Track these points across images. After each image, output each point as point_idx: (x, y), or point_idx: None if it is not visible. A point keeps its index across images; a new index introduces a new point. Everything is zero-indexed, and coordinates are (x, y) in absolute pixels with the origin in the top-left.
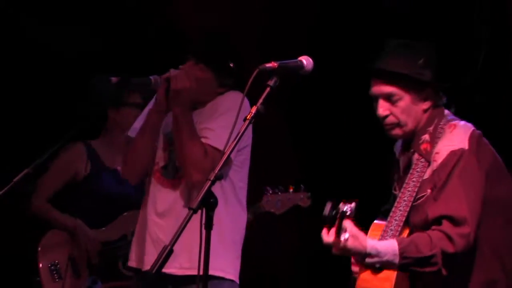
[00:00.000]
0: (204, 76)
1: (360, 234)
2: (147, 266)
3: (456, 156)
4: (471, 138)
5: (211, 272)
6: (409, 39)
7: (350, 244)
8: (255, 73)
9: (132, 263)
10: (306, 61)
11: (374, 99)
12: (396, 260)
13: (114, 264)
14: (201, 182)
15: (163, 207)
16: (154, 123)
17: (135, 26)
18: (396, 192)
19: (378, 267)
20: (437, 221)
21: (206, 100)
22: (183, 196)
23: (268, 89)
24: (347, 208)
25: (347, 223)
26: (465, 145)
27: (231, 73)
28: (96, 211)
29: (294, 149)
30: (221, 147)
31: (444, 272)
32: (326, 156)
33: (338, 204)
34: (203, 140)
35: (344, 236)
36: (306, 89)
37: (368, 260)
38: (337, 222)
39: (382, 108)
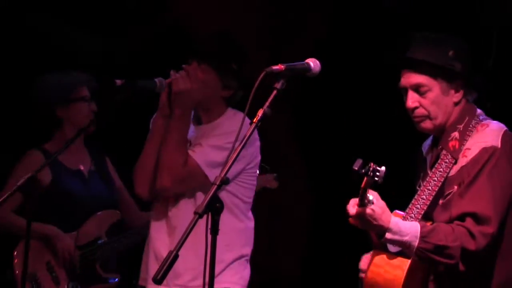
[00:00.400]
0: (207, 78)
1: (386, 208)
2: (150, 285)
3: (487, 154)
4: (504, 137)
5: (219, 285)
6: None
7: (376, 210)
8: (261, 75)
9: (140, 281)
10: (313, 63)
11: (403, 92)
12: (416, 243)
13: (92, 267)
14: (169, 190)
15: (168, 224)
16: (160, 129)
17: (139, 26)
18: (419, 188)
19: (393, 252)
20: (461, 218)
21: (211, 106)
22: (188, 212)
23: (275, 92)
24: (376, 171)
25: (374, 193)
26: (498, 144)
27: (235, 75)
28: (66, 216)
29: (301, 150)
30: (203, 165)
31: (461, 267)
32: (333, 157)
33: (368, 164)
34: (189, 152)
35: (369, 198)
36: (314, 91)
37: (388, 236)
38: (364, 183)
39: (412, 100)
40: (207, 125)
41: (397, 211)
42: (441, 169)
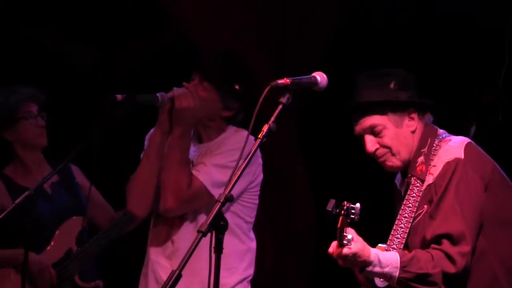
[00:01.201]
0: (208, 96)
1: (363, 242)
2: None
3: (451, 167)
4: (467, 148)
5: None
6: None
7: (355, 249)
8: (266, 90)
9: None
10: (320, 77)
11: (360, 138)
12: (396, 273)
13: (72, 282)
14: (174, 211)
15: (167, 246)
16: (158, 146)
17: (140, 39)
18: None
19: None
20: (436, 240)
21: (211, 124)
22: (188, 233)
23: (280, 106)
24: (351, 209)
25: (351, 230)
26: (461, 155)
27: (237, 96)
28: (33, 238)
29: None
30: (208, 185)
31: None
32: (337, 170)
33: (341, 203)
34: (193, 171)
35: (347, 238)
36: (320, 106)
37: (369, 269)
38: (339, 222)
39: (370, 144)
40: (208, 143)
41: (380, 245)
42: (414, 194)
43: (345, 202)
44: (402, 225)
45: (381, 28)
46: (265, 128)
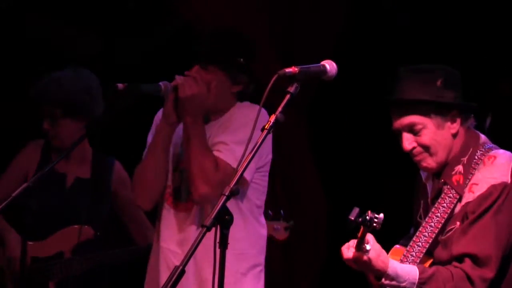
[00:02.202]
0: (214, 78)
1: (383, 251)
2: None
3: (497, 191)
4: None
5: None
6: (425, 58)
7: (373, 258)
8: (274, 78)
9: None
10: (329, 65)
11: (398, 134)
12: None
13: (45, 284)
14: (209, 196)
15: (179, 234)
16: (165, 138)
17: (144, 27)
18: (420, 220)
19: None
20: (460, 258)
21: (222, 105)
22: (199, 220)
23: (288, 96)
24: (374, 218)
25: (370, 237)
26: (508, 179)
27: (243, 69)
28: (28, 225)
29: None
30: (233, 163)
31: None
32: (348, 167)
33: (365, 212)
34: (215, 153)
35: (366, 248)
36: (329, 96)
37: (384, 281)
38: (360, 232)
39: (407, 142)
40: (217, 120)
41: (397, 246)
42: (445, 205)
43: (369, 212)
44: (426, 234)
45: (394, 15)
46: (272, 118)
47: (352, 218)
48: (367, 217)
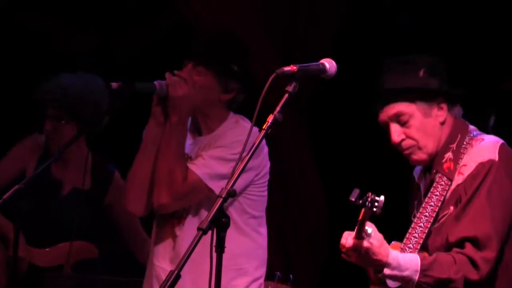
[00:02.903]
0: (204, 81)
1: (384, 241)
2: None
3: (485, 168)
4: (501, 149)
5: None
6: (419, 48)
7: (374, 245)
8: (272, 77)
9: None
10: (328, 64)
11: (386, 128)
12: (416, 277)
13: None
14: (169, 208)
15: (171, 251)
16: (154, 139)
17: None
18: (414, 219)
19: None
20: (460, 243)
21: (210, 111)
22: (193, 236)
23: (286, 95)
24: (375, 201)
25: (371, 224)
26: (495, 157)
27: (235, 76)
28: (31, 226)
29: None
30: (205, 179)
31: None
32: (350, 169)
33: (366, 194)
34: (190, 165)
35: (367, 231)
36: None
37: (386, 271)
38: (361, 214)
39: (396, 134)
40: (208, 135)
41: (394, 242)
42: (437, 193)
43: (370, 194)
44: (422, 224)
45: (393, 13)
46: (270, 118)
47: (353, 199)
48: (368, 198)
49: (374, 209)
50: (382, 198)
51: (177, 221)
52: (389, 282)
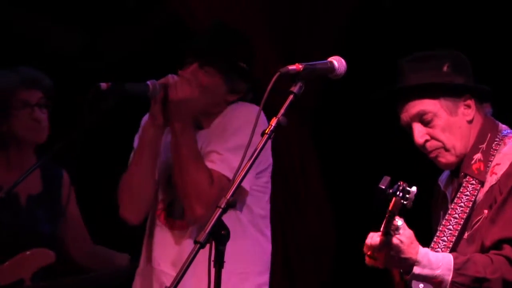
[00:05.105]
0: (210, 82)
1: (414, 238)
2: None
3: None
4: None
5: None
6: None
7: (405, 242)
8: (275, 77)
9: None
10: (337, 62)
11: (409, 129)
12: (449, 276)
13: None
14: (206, 217)
15: (174, 254)
16: (152, 141)
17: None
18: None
19: None
20: (497, 245)
21: (214, 111)
22: (194, 236)
23: (291, 96)
24: (406, 193)
25: (401, 219)
26: None
27: (244, 75)
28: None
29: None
30: (229, 175)
31: None
32: (357, 176)
33: (396, 182)
34: (208, 165)
35: (397, 224)
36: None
37: (416, 270)
38: (391, 205)
39: (419, 135)
40: (209, 128)
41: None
42: (467, 193)
43: (401, 182)
44: (451, 227)
45: (400, 10)
46: (273, 121)
47: (383, 187)
48: (400, 187)
49: (405, 202)
50: (414, 189)
51: (180, 223)
52: (415, 286)
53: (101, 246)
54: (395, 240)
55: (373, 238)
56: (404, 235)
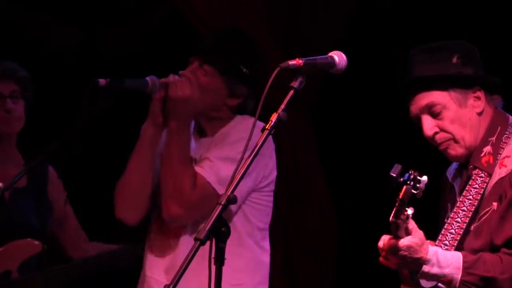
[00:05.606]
0: (210, 82)
1: (424, 237)
2: None
3: None
4: None
5: None
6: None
7: (415, 243)
8: (275, 72)
9: None
10: (338, 57)
11: (418, 122)
12: (459, 275)
13: None
14: (181, 218)
15: (166, 262)
16: (151, 140)
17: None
18: (447, 220)
19: None
20: (508, 244)
21: (216, 115)
22: (190, 246)
23: (291, 91)
24: (417, 182)
25: (411, 210)
26: None
27: (245, 80)
28: None
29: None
30: (214, 183)
31: None
32: (361, 176)
33: (407, 171)
34: (196, 169)
35: (407, 213)
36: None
37: (425, 268)
38: (401, 193)
39: (428, 127)
40: (212, 136)
41: (427, 241)
42: (476, 185)
43: (412, 171)
44: (459, 219)
45: (400, 10)
46: (273, 117)
47: (394, 175)
48: (411, 176)
49: (416, 191)
50: (425, 178)
51: (174, 230)
52: (423, 282)
53: (96, 242)
54: (406, 242)
55: (385, 240)
56: (416, 236)
